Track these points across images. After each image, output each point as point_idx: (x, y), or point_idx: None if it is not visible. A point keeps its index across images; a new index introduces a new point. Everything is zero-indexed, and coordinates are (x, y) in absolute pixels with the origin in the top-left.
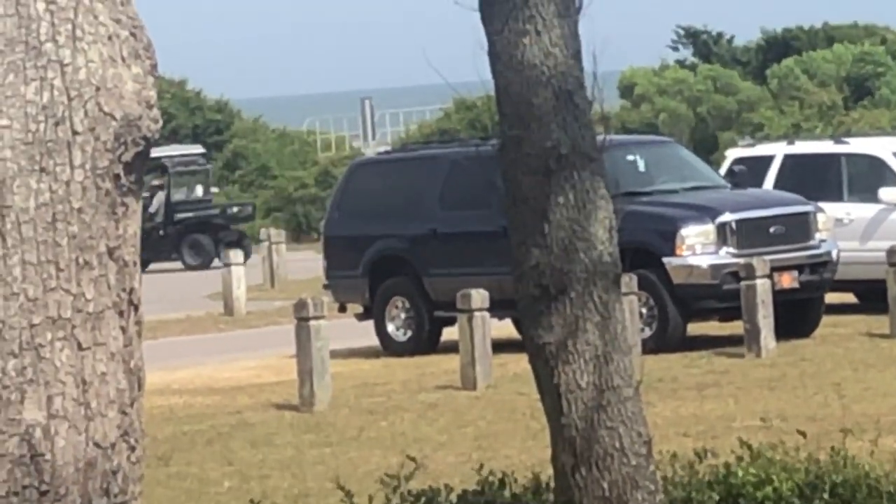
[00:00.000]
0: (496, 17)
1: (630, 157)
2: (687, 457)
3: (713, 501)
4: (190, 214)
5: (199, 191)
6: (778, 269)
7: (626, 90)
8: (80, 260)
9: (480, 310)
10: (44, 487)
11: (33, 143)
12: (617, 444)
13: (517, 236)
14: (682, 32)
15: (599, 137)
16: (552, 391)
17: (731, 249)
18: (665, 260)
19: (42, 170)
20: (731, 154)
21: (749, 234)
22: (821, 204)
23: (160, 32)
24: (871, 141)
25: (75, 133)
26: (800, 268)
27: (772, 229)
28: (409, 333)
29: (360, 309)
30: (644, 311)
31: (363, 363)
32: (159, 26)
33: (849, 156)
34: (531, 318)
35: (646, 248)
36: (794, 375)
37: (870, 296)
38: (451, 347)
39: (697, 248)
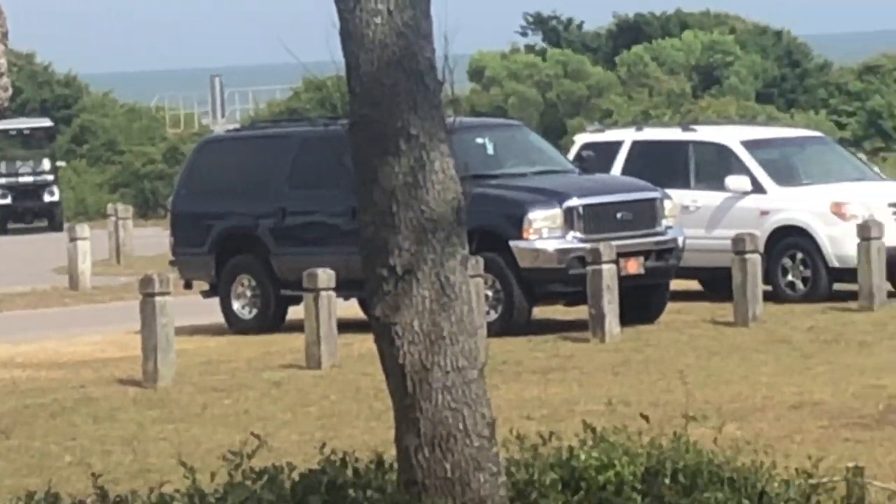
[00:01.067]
0: None
1: (479, 140)
2: (530, 439)
3: (555, 483)
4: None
5: (45, 164)
6: (624, 254)
7: (476, 73)
8: None
9: (326, 289)
10: None
11: None
12: (460, 426)
13: (365, 216)
14: (530, 19)
15: (449, 119)
16: (397, 371)
17: (578, 234)
18: (512, 243)
19: None
20: (580, 139)
21: (596, 220)
22: (668, 191)
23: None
24: (719, 129)
25: None
26: (646, 254)
27: (618, 215)
28: (255, 311)
29: (206, 286)
30: (490, 293)
31: (208, 340)
32: None
33: (696, 143)
34: (378, 298)
35: (493, 230)
36: (638, 361)
37: (714, 284)
38: (297, 326)
39: (544, 233)
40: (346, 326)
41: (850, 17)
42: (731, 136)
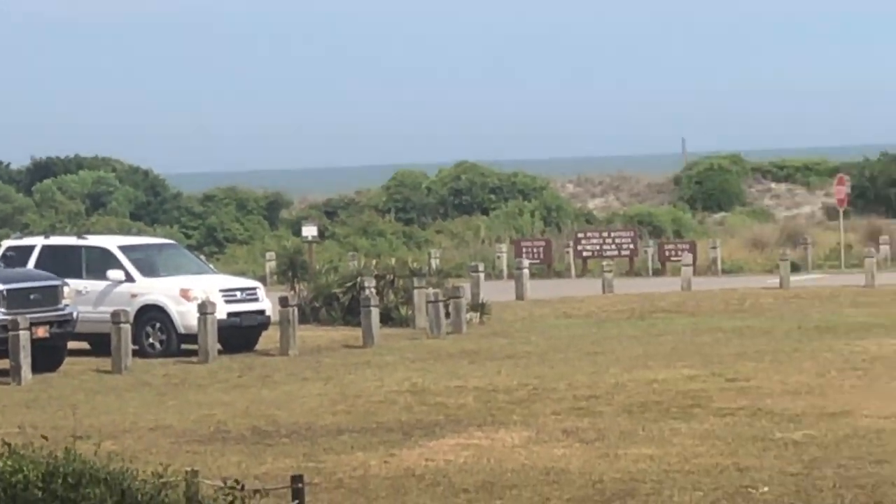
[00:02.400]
0: None
1: None
2: None
3: None
4: None
5: None
6: (35, 323)
7: None
8: None
9: None
10: None
11: None
12: None
13: None
14: None
15: None
16: None
17: (3, 309)
18: None
19: None
20: (5, 244)
21: (16, 299)
22: (67, 280)
23: None
24: (103, 238)
25: None
26: (50, 323)
27: (32, 296)
28: None
29: None
30: None
31: None
32: None
33: (87, 247)
34: None
35: None
36: (44, 398)
37: (100, 345)
38: None
39: None
40: None
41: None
42: (112, 242)
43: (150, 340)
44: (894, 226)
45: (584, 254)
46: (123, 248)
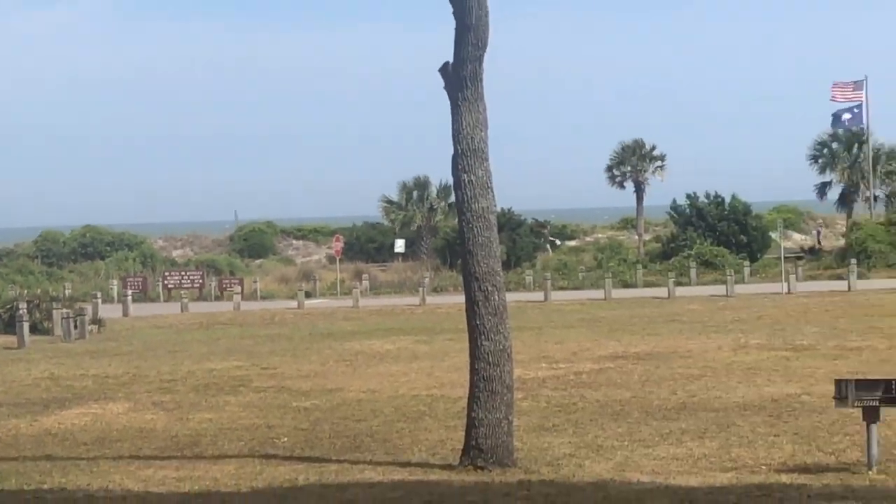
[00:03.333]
0: None
1: None
2: None
3: None
4: None
5: None
6: None
7: None
8: None
9: None
10: None
11: None
12: None
13: None
14: None
15: None
16: None
17: None
18: None
19: None
20: None
21: None
22: None
23: None
24: None
25: None
26: None
27: None
28: None
29: None
30: None
31: None
32: None
33: None
34: None
35: None
36: None
37: None
38: None
39: None
40: None
41: None
42: None
43: None
44: (372, 268)
45: (170, 286)
46: None
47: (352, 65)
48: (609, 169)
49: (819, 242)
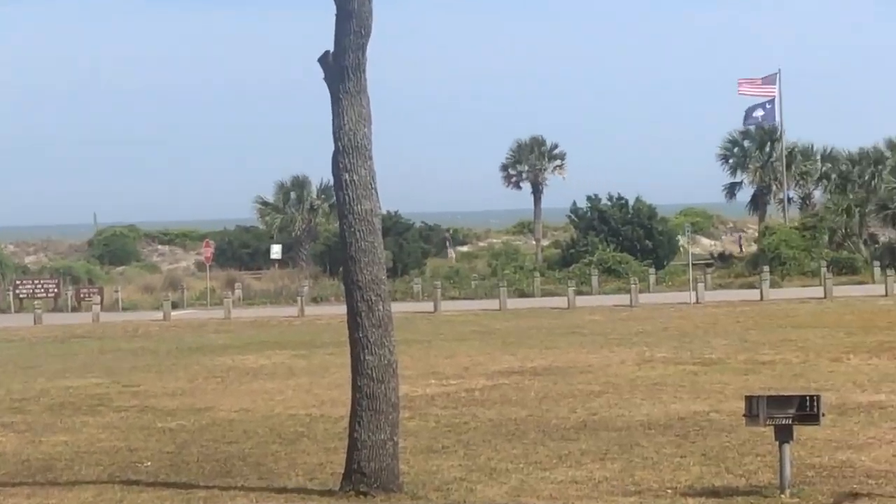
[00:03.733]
0: None
1: None
2: None
3: None
4: None
5: None
6: None
7: None
8: None
9: None
10: None
11: None
12: None
13: None
14: None
15: None
16: None
17: None
18: None
19: None
20: None
21: None
22: None
23: None
24: None
25: None
26: None
27: None
28: None
29: None
30: None
31: None
32: None
33: None
34: None
35: None
36: None
37: None
38: None
39: None
40: None
41: None
42: None
43: None
44: (245, 276)
45: (21, 295)
46: None
47: (220, 53)
48: (504, 168)
49: (741, 249)
